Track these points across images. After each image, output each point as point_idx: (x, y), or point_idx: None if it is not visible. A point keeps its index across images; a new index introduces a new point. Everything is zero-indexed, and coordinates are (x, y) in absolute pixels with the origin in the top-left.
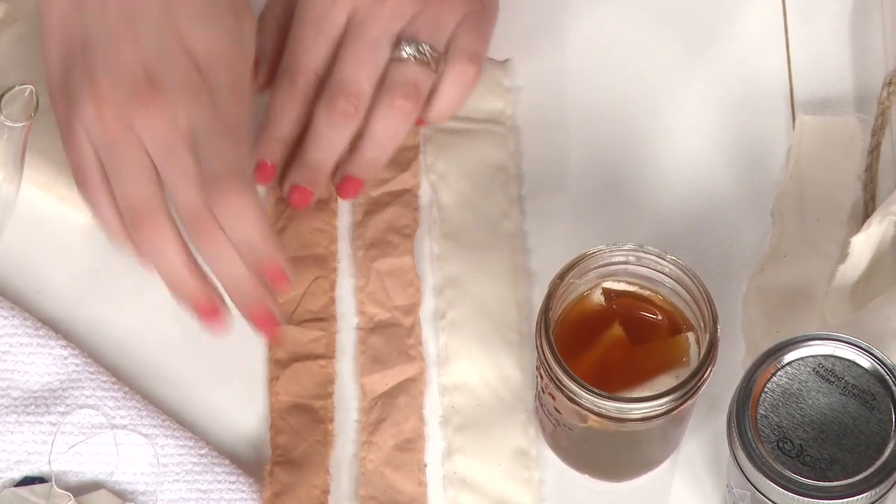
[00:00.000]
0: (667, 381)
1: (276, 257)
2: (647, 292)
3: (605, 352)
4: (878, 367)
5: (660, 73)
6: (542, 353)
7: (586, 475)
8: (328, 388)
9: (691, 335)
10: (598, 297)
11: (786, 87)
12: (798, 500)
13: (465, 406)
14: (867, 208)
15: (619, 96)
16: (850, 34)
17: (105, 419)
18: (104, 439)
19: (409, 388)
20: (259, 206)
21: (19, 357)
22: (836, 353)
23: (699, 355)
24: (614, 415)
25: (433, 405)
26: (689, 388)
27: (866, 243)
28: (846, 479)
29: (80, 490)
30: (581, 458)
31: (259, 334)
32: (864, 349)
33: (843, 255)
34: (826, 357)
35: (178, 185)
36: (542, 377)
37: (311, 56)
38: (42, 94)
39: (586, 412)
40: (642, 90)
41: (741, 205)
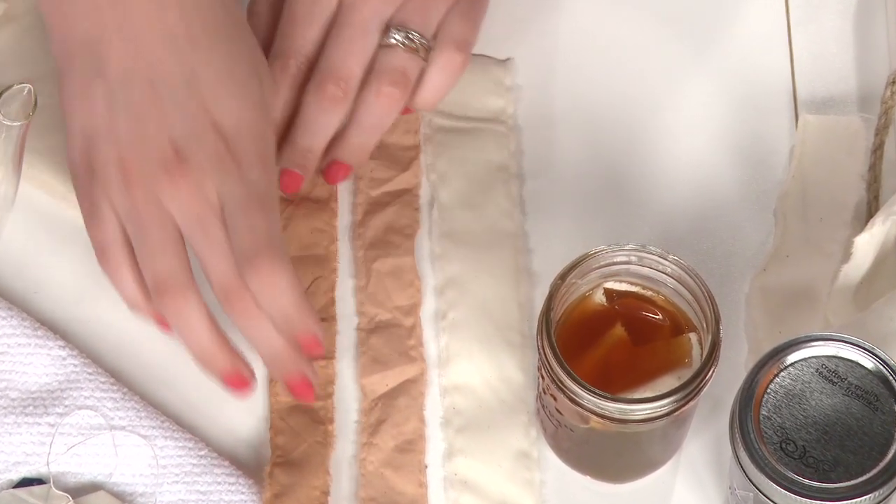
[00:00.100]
0: (669, 382)
1: (312, 329)
2: (650, 293)
3: (606, 352)
4: (882, 367)
5: (662, 71)
6: (544, 353)
7: (588, 477)
8: (328, 388)
9: (693, 336)
10: (599, 298)
11: (789, 86)
12: (801, 501)
13: (466, 407)
14: (870, 208)
15: (620, 95)
16: (854, 33)
17: (104, 420)
18: (103, 440)
19: (410, 389)
20: (293, 277)
21: (17, 358)
22: (839, 354)
23: (701, 356)
24: (616, 416)
25: (434, 406)
26: (691, 389)
27: (870, 243)
28: (849, 480)
29: (79, 492)
30: (583, 459)
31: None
32: (868, 350)
33: (846, 255)
34: (829, 358)
35: (211, 259)
36: (543, 378)
37: (303, 39)
38: (40, 92)
39: (588, 413)
40: (644, 89)
41: (744, 204)
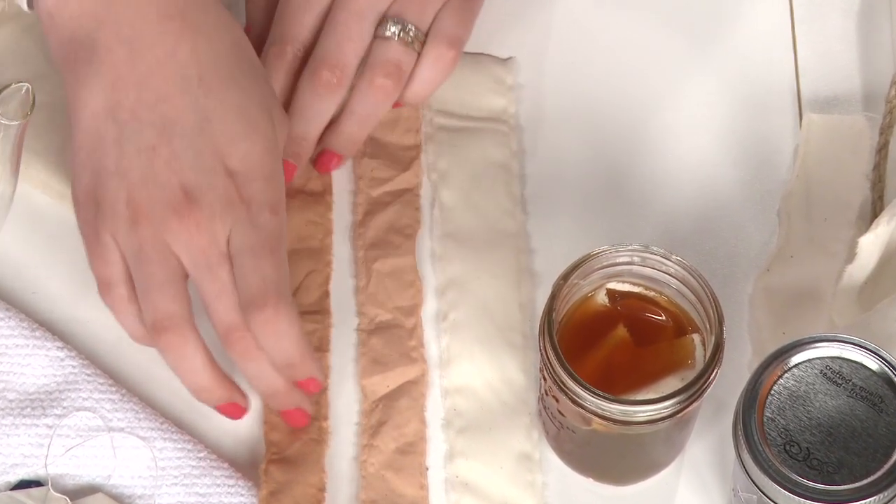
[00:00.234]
0: (672, 383)
1: (312, 373)
2: (652, 293)
3: (609, 354)
4: (886, 369)
5: (665, 71)
6: (546, 355)
7: (590, 479)
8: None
9: (697, 337)
10: (602, 299)
11: (793, 85)
12: None
13: (467, 409)
14: (875, 208)
15: (623, 94)
16: (858, 31)
17: (102, 422)
18: (101, 442)
19: (411, 390)
20: (296, 322)
21: (15, 359)
22: (843, 355)
23: (705, 357)
24: (619, 417)
25: (435, 408)
26: (694, 390)
27: (874, 243)
28: (854, 482)
29: (77, 494)
30: (585, 461)
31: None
32: (872, 351)
33: (850, 255)
34: (833, 359)
35: (215, 301)
36: (545, 379)
37: (300, 26)
38: (39, 91)
39: (590, 415)
40: (647, 88)
41: (747, 204)
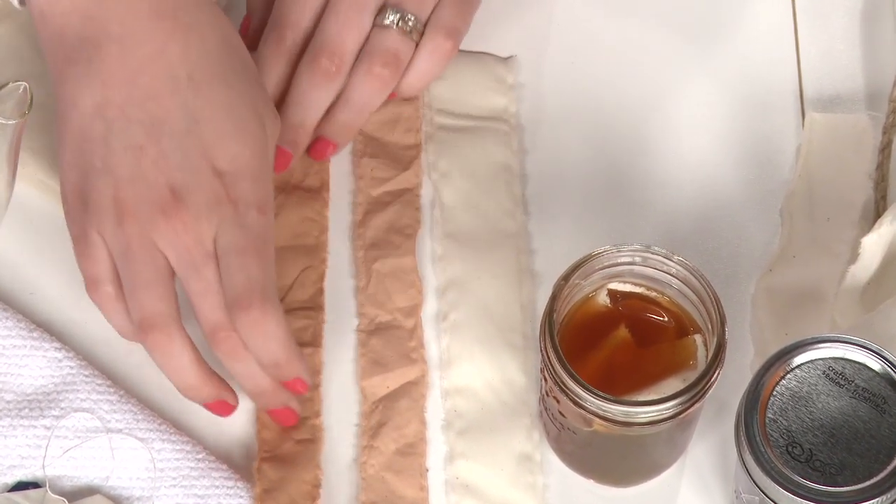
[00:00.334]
0: (674, 384)
1: (299, 373)
2: (654, 294)
3: (610, 354)
4: (890, 369)
5: (666, 69)
6: (547, 355)
7: (591, 480)
8: (315, 378)
9: (699, 337)
10: (603, 299)
11: (795, 84)
12: None
13: (467, 410)
14: (878, 208)
15: (624, 94)
16: (861, 30)
17: (100, 423)
18: (99, 443)
19: (411, 391)
20: (283, 322)
21: (13, 360)
22: (846, 356)
23: (707, 358)
24: (620, 419)
25: (435, 409)
26: (696, 391)
27: (877, 243)
28: (857, 484)
29: (75, 495)
30: (586, 462)
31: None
32: (875, 352)
33: (853, 255)
34: (836, 360)
35: (201, 300)
36: (546, 380)
37: (300, 12)
38: (36, 90)
39: (591, 416)
40: (648, 87)
41: (749, 204)
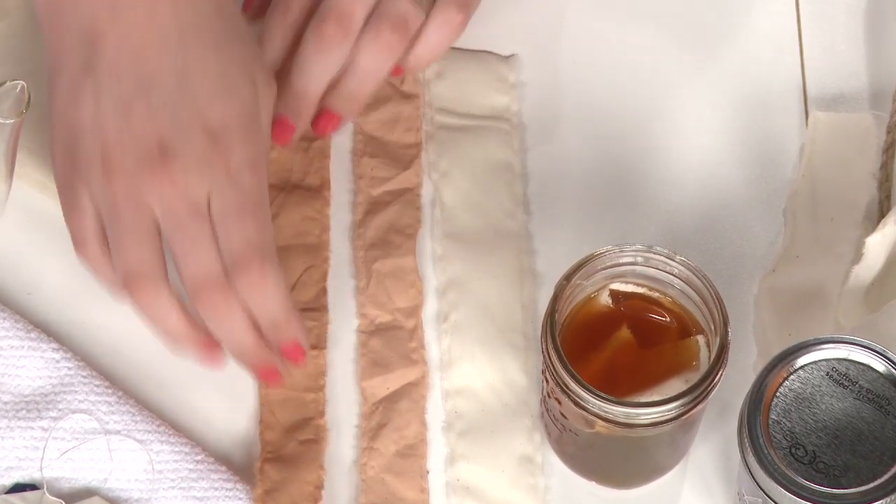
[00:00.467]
0: (676, 385)
1: (297, 335)
2: (656, 294)
3: (612, 355)
4: (894, 370)
5: (669, 67)
6: (548, 356)
7: (593, 482)
8: (319, 380)
9: (701, 338)
10: (605, 299)
11: (798, 82)
12: None
13: (468, 411)
14: (882, 208)
15: (627, 92)
16: (865, 28)
17: (98, 424)
18: (97, 445)
19: (411, 392)
20: (282, 282)
21: (10, 360)
22: (850, 357)
23: (709, 359)
24: (622, 420)
25: (436, 410)
26: (699, 392)
27: (881, 244)
28: (860, 486)
29: (73, 497)
30: (588, 464)
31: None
32: (879, 353)
33: (857, 255)
34: (840, 361)
35: (186, 256)
36: (547, 381)
37: None
38: (34, 89)
39: (593, 417)
40: (651, 86)
41: (753, 204)
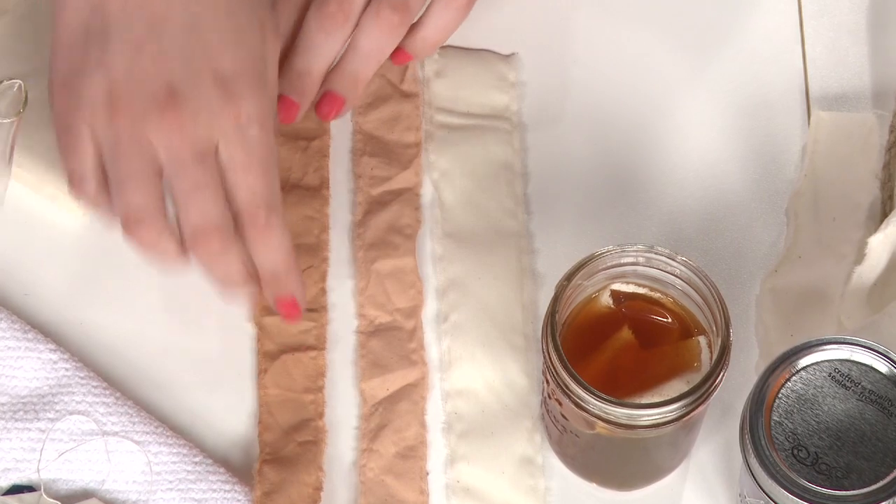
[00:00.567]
0: (677, 386)
1: (296, 290)
2: (658, 294)
3: (613, 356)
4: None
5: (671, 67)
6: (549, 357)
7: (594, 484)
8: (319, 381)
9: (703, 339)
10: (606, 300)
11: (801, 82)
12: None
13: (468, 412)
14: (885, 207)
15: (628, 91)
16: (868, 27)
17: (96, 426)
18: (95, 446)
19: (411, 393)
20: (287, 237)
21: (7, 361)
22: (852, 358)
23: (711, 360)
24: (623, 421)
25: (436, 411)
26: (700, 393)
27: (884, 244)
28: (863, 488)
29: (71, 499)
30: (589, 466)
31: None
32: (882, 353)
33: (859, 255)
34: (842, 361)
35: (186, 199)
36: (548, 382)
37: None
38: (31, 88)
39: (594, 418)
40: (652, 85)
41: (754, 204)
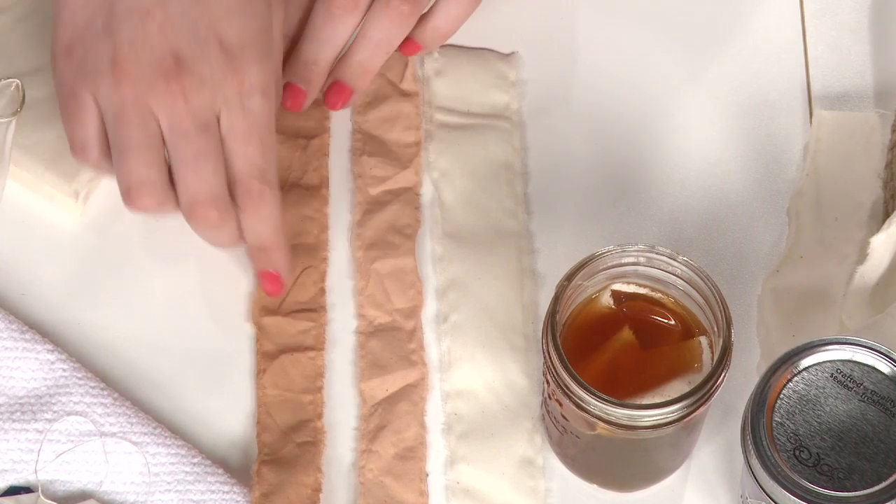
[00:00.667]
0: (679, 386)
1: (281, 265)
2: (659, 295)
3: (614, 356)
4: None
5: (672, 65)
6: (549, 357)
7: (594, 485)
8: (317, 381)
9: (704, 339)
10: (607, 300)
11: (803, 81)
12: None
13: (468, 413)
14: (887, 207)
15: (629, 90)
16: (870, 26)
17: (94, 426)
18: (93, 447)
19: (411, 394)
20: (279, 211)
21: (4, 362)
22: (854, 358)
23: (712, 360)
24: (624, 422)
25: (435, 412)
26: (701, 394)
27: (886, 243)
28: (865, 489)
29: (68, 500)
30: (589, 467)
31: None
32: (884, 354)
33: (862, 255)
34: (844, 362)
35: (186, 169)
36: (548, 383)
37: None
38: (29, 88)
39: (595, 419)
40: (653, 83)
41: (756, 204)
